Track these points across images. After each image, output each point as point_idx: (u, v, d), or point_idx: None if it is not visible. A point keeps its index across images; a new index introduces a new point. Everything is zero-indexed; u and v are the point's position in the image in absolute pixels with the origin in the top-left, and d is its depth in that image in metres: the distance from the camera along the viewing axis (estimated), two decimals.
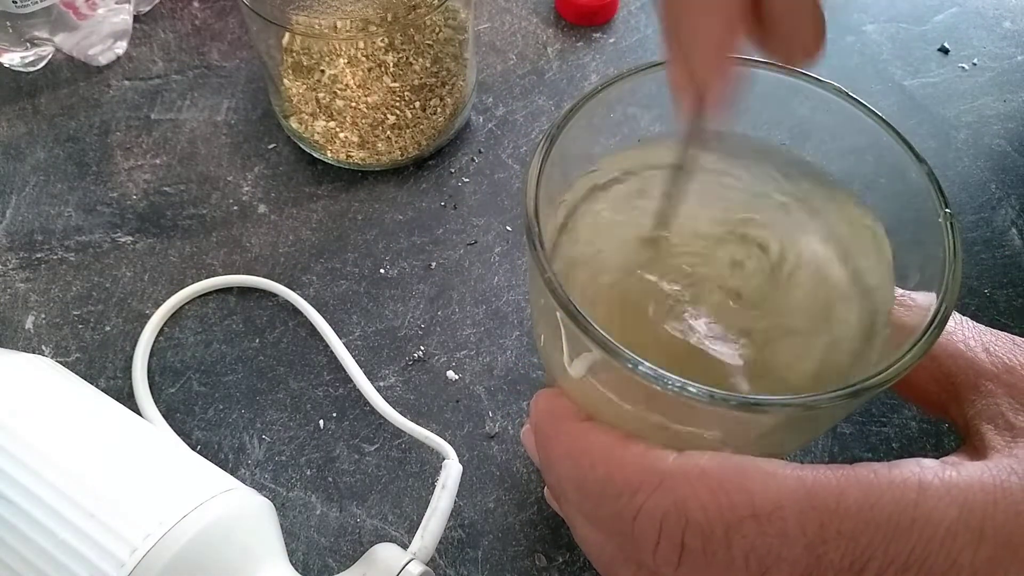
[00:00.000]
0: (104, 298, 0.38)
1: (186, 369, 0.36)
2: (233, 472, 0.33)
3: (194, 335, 0.37)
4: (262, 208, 0.40)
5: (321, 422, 0.34)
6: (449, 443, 0.31)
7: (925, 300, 0.20)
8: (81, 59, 0.45)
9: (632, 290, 0.23)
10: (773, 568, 0.16)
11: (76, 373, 0.32)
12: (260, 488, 0.33)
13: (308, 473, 0.33)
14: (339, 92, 0.38)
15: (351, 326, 0.37)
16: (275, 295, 0.38)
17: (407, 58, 0.38)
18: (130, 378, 0.35)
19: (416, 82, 0.39)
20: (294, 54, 0.38)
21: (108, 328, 0.37)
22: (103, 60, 0.45)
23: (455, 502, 0.30)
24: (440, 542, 0.29)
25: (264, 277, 0.38)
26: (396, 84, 0.38)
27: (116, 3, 0.45)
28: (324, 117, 0.39)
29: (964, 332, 0.20)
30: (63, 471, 0.25)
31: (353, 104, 0.38)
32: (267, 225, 0.40)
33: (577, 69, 0.46)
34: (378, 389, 0.34)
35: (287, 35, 0.38)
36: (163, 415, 0.34)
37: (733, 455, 0.18)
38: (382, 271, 0.38)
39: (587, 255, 0.24)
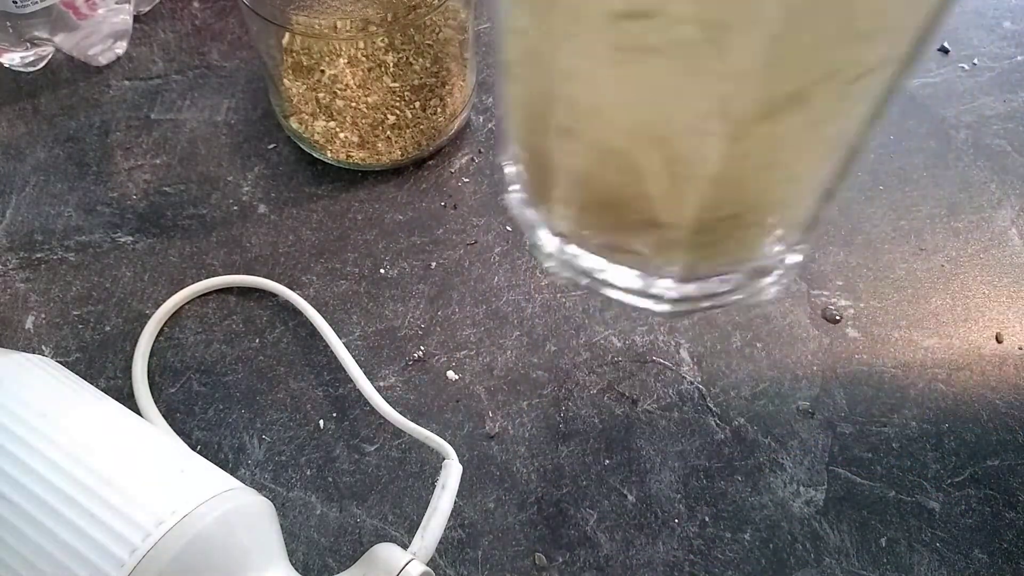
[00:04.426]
0: (104, 298, 0.38)
1: (186, 369, 0.36)
2: (233, 472, 0.33)
3: (194, 335, 0.37)
4: (262, 208, 0.40)
5: (321, 422, 0.34)
6: (449, 443, 0.31)
7: None
8: (81, 59, 0.45)
9: None
10: None
11: (76, 373, 0.32)
12: (260, 488, 0.33)
13: (308, 473, 0.33)
14: (339, 92, 0.38)
15: (351, 326, 0.37)
16: (275, 295, 0.38)
17: (407, 58, 0.38)
18: (130, 378, 0.35)
19: (416, 82, 0.39)
20: (294, 54, 0.38)
21: (108, 328, 0.37)
22: (103, 60, 0.45)
23: (455, 502, 0.30)
24: (440, 542, 0.29)
25: (264, 277, 0.38)
26: (396, 84, 0.38)
27: (116, 3, 0.45)
28: (324, 117, 0.39)
29: None
30: (63, 471, 0.25)
31: (353, 104, 0.38)
32: (267, 225, 0.40)
33: None
34: (378, 389, 0.34)
35: (287, 35, 0.38)
36: (163, 415, 0.34)
37: None
38: (382, 271, 0.38)
39: None
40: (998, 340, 0.37)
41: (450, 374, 0.35)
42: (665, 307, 0.25)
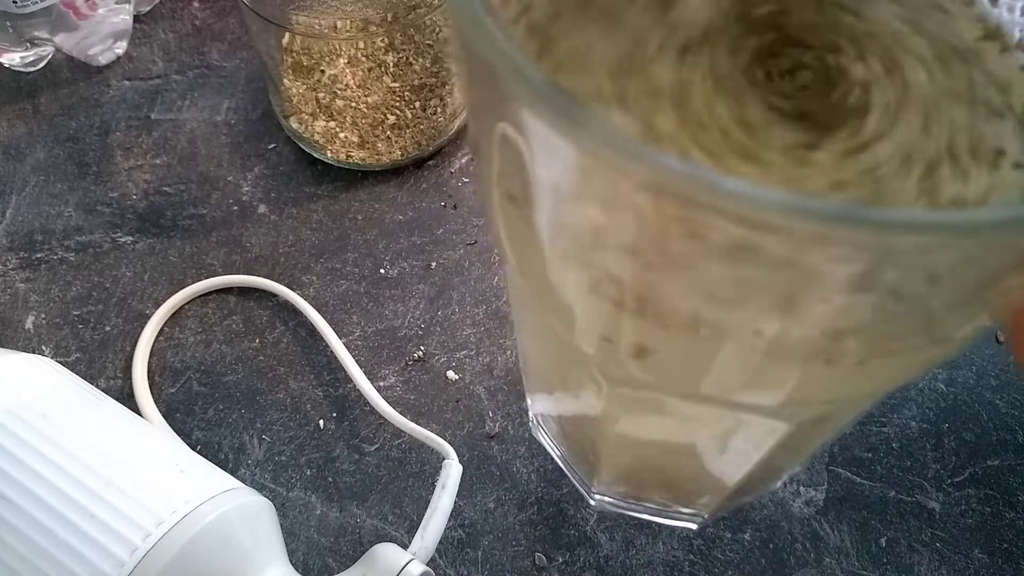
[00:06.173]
0: (104, 298, 0.38)
1: (186, 369, 0.36)
2: (233, 472, 0.33)
3: (194, 335, 0.37)
4: (262, 208, 0.40)
5: (321, 422, 0.34)
6: (449, 443, 0.31)
7: None
8: (81, 59, 0.45)
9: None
10: None
11: (76, 373, 0.32)
12: (260, 488, 0.33)
13: (308, 473, 0.33)
14: (339, 92, 0.38)
15: (351, 326, 0.37)
16: (275, 295, 0.38)
17: (407, 58, 0.38)
18: (130, 378, 0.35)
19: (416, 82, 0.39)
20: (294, 54, 0.38)
21: (108, 328, 0.37)
22: (103, 60, 0.45)
23: (455, 502, 0.30)
24: (440, 542, 0.29)
25: (264, 277, 0.38)
26: (396, 84, 0.38)
27: (116, 3, 0.45)
28: (324, 117, 0.39)
29: None
30: (63, 471, 0.25)
31: (353, 104, 0.38)
32: (267, 225, 0.40)
33: None
34: (378, 389, 0.34)
35: (287, 35, 0.38)
36: (163, 415, 0.34)
37: None
38: (382, 271, 0.38)
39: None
40: (998, 340, 0.37)
41: (450, 374, 0.35)
42: (694, 526, 0.31)
